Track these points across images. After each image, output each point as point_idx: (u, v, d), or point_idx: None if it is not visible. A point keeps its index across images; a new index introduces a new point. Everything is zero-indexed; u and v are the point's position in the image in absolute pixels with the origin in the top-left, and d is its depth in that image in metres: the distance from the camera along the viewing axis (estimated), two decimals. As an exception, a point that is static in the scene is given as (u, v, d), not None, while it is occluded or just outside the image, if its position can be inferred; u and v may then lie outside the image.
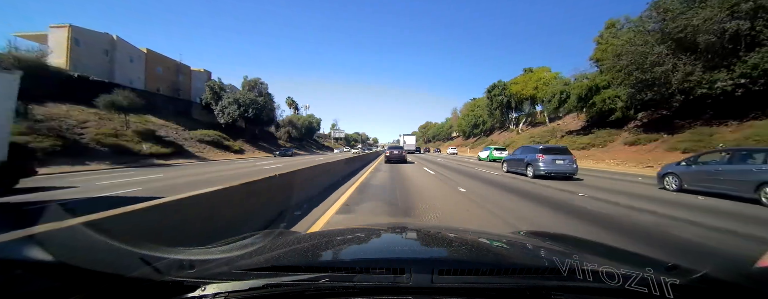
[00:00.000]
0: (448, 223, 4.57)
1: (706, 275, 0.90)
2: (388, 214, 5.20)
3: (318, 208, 5.48)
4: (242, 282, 0.86)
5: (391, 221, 4.81)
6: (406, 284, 0.84)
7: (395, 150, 19.88)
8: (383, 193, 7.31)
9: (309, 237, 1.67)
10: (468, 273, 0.96)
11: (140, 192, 8.16)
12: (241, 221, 3.50)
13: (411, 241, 1.55)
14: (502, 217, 4.90)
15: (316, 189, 7.01)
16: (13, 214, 5.45)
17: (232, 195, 3.40)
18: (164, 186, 9.17)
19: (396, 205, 5.84)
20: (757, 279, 0.94)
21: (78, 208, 3.86)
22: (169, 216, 2.43)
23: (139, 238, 2.53)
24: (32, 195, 7.20)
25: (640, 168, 16.14)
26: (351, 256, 1.27)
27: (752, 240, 3.85)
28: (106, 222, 1.81)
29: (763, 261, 1.13)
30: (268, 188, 4.49)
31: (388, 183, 9.38)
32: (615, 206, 5.84)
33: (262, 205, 4.20)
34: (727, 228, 4.28)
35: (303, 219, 4.71)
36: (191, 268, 0.96)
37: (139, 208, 2.12)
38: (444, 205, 5.82)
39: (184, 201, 2.60)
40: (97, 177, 12.10)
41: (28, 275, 0.82)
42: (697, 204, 6.21)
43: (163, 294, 0.84)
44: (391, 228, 1.78)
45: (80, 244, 1.31)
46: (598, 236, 3.87)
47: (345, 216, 4.95)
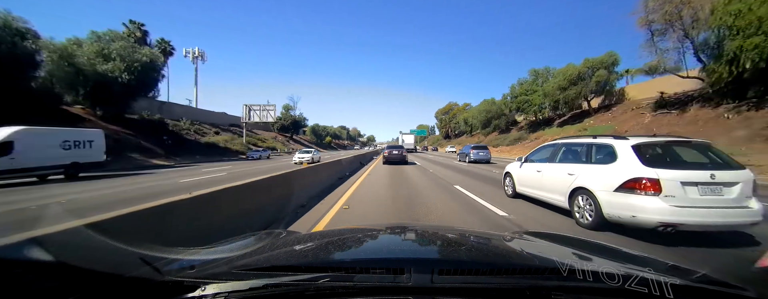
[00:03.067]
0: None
1: (705, 275, 0.90)
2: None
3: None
4: (242, 282, 0.86)
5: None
6: (406, 284, 0.84)
7: (394, 150, 18.40)
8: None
9: (309, 237, 1.67)
10: (468, 273, 0.96)
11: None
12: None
13: (411, 241, 1.55)
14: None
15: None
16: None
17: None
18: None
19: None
20: (757, 279, 0.94)
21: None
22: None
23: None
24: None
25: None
26: (351, 256, 1.27)
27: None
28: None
29: (763, 262, 1.13)
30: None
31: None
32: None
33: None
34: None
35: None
36: (191, 268, 0.96)
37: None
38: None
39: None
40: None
41: (29, 275, 0.82)
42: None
43: (163, 294, 0.84)
44: (391, 228, 1.78)
45: (80, 244, 1.31)
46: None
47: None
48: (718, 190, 3.41)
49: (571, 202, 4.47)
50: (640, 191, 3.52)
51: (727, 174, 3.46)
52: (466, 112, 65.75)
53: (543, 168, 5.39)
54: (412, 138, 49.51)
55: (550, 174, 5.11)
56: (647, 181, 3.48)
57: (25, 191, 9.02)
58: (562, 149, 5.21)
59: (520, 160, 6.42)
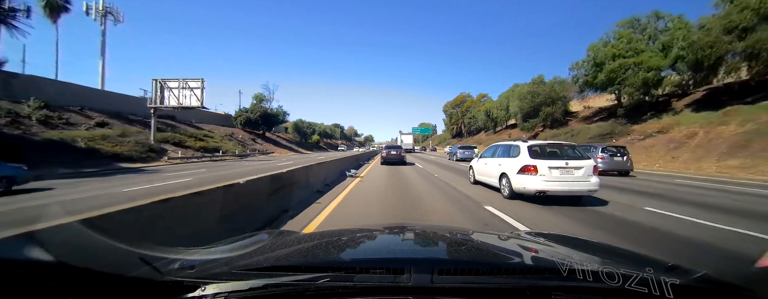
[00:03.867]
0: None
1: (705, 275, 0.90)
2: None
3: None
4: (242, 282, 0.86)
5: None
6: (406, 284, 0.84)
7: (392, 150, 18.47)
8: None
9: (309, 237, 1.67)
10: (468, 273, 0.96)
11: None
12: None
13: (411, 241, 1.55)
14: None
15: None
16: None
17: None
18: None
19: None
20: (757, 279, 0.94)
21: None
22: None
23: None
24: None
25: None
26: (351, 256, 1.27)
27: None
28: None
29: (763, 261, 1.13)
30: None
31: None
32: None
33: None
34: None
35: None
36: (191, 268, 0.96)
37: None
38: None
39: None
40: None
41: (29, 275, 0.82)
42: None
43: (163, 294, 0.84)
44: (391, 228, 1.78)
45: (80, 244, 1.31)
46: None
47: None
48: (570, 172, 5.83)
49: (499, 183, 6.80)
50: (528, 173, 5.87)
51: (576, 162, 5.91)
52: (487, 103, 54.84)
53: (488, 161, 7.72)
54: (410, 138, 50.06)
55: (491, 166, 7.44)
56: (532, 166, 5.85)
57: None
58: (499, 148, 7.58)
59: (476, 157, 9.22)
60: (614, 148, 12.69)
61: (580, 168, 5.78)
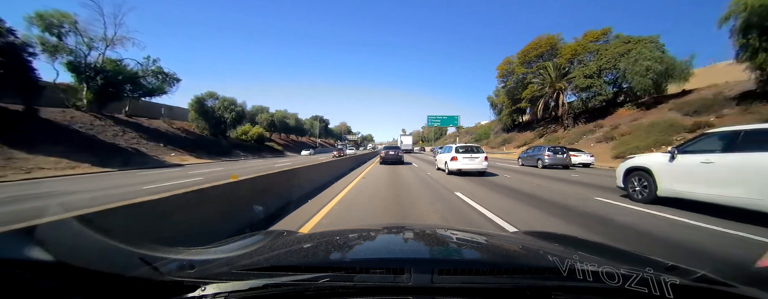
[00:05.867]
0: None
1: (705, 275, 0.90)
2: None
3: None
4: (242, 282, 0.86)
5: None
6: (406, 284, 0.84)
7: (391, 150, 19.57)
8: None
9: (309, 237, 1.67)
10: (468, 273, 0.97)
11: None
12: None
13: (411, 241, 1.55)
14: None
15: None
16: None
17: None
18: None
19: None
20: (757, 279, 0.94)
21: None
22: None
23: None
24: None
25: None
26: (351, 256, 1.27)
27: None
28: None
29: (763, 261, 1.13)
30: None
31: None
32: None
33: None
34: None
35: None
36: (191, 268, 0.96)
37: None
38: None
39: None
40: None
41: (28, 275, 0.82)
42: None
43: (163, 294, 0.84)
44: (391, 228, 1.78)
45: (80, 244, 1.31)
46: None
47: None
48: (474, 158, 11.48)
49: (443, 167, 12.60)
50: (453, 160, 11.48)
51: (477, 154, 11.61)
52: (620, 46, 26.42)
53: (444, 155, 12.81)
54: (410, 139, 53.50)
55: (443, 157, 12.80)
56: (455, 156, 11.52)
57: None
58: (444, 147, 14.85)
59: (436, 153, 17.39)
60: (557, 147, 16.57)
61: (479, 157, 11.47)
